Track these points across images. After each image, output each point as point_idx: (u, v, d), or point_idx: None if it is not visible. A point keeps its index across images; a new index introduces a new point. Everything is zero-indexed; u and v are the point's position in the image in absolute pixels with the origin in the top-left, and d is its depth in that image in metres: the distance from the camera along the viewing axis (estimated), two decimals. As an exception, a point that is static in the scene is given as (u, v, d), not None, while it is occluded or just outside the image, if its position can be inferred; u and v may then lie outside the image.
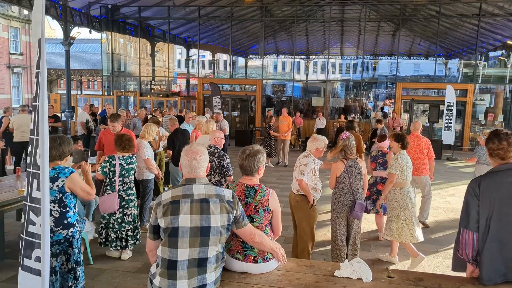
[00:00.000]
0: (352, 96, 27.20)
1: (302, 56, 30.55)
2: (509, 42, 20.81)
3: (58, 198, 3.46)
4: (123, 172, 5.28)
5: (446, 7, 19.32)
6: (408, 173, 5.35)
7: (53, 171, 3.47)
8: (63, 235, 3.49)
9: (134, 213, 5.46)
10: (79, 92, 31.19)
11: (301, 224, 4.93)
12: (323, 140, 4.97)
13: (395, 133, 5.82)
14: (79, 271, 3.59)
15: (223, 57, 28.34)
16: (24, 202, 2.90)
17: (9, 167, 10.74)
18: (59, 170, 3.49)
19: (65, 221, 3.51)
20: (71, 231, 3.53)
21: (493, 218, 2.68)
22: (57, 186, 3.45)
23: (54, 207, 3.47)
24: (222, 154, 5.52)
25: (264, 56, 22.72)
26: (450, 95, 15.07)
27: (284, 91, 26.92)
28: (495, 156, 2.82)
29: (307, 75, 30.63)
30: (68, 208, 3.52)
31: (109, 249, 5.42)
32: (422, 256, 5.17)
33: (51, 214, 3.45)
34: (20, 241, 2.91)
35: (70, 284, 3.52)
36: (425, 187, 7.21)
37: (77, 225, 3.63)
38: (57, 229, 3.47)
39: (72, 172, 3.52)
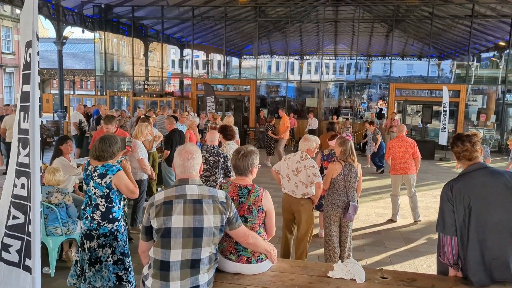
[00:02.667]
0: (345, 97, 27.28)
1: (296, 57, 30.60)
2: (501, 43, 20.96)
3: (105, 193, 3.67)
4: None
5: (439, 8, 19.43)
6: None
7: (102, 168, 3.70)
8: (109, 228, 3.67)
9: (126, 211, 5.45)
10: (72, 92, 31.00)
11: (305, 226, 4.88)
12: (315, 140, 4.96)
13: (222, 125, 6.12)
14: (128, 262, 3.78)
15: (217, 57, 28.32)
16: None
17: (1, 167, 10.64)
18: (107, 167, 3.70)
19: (111, 216, 3.68)
20: (116, 225, 3.71)
21: (471, 220, 2.72)
22: (105, 182, 3.65)
23: (101, 202, 3.67)
24: (225, 155, 5.53)
25: (258, 57, 22.74)
26: (446, 96, 15.14)
27: (278, 92, 26.94)
28: (462, 158, 2.91)
29: (301, 75, 30.69)
30: (113, 204, 3.71)
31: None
32: None
33: (98, 209, 3.67)
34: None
35: (121, 274, 3.68)
36: (410, 186, 7.36)
37: (122, 219, 3.81)
38: (103, 223, 3.66)
39: (119, 170, 3.74)
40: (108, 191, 3.65)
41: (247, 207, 2.99)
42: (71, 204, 5.00)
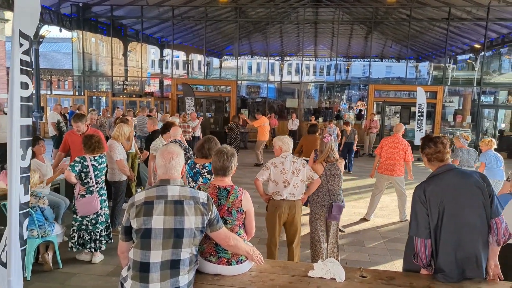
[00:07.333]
0: (325, 98, 27.51)
1: (277, 58, 30.70)
2: (476, 46, 21.43)
3: None
4: (95, 172, 5.16)
5: (416, 11, 19.76)
6: None
7: (210, 165, 3.94)
8: None
9: (106, 213, 5.38)
10: (49, 92, 30.42)
11: (297, 227, 4.83)
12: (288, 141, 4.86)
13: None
14: None
15: (197, 57, 28.17)
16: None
17: None
18: None
19: None
20: None
21: (444, 221, 2.79)
22: (213, 177, 4.00)
23: None
24: (186, 146, 6.04)
25: (238, 57, 22.71)
26: (421, 96, 15.40)
27: (258, 92, 26.99)
28: (434, 160, 2.96)
29: (281, 76, 30.80)
30: None
31: (79, 253, 5.29)
32: None
33: None
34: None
35: None
36: (398, 187, 7.42)
37: None
38: None
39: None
40: None
41: (226, 208, 2.98)
42: (46, 207, 4.91)
